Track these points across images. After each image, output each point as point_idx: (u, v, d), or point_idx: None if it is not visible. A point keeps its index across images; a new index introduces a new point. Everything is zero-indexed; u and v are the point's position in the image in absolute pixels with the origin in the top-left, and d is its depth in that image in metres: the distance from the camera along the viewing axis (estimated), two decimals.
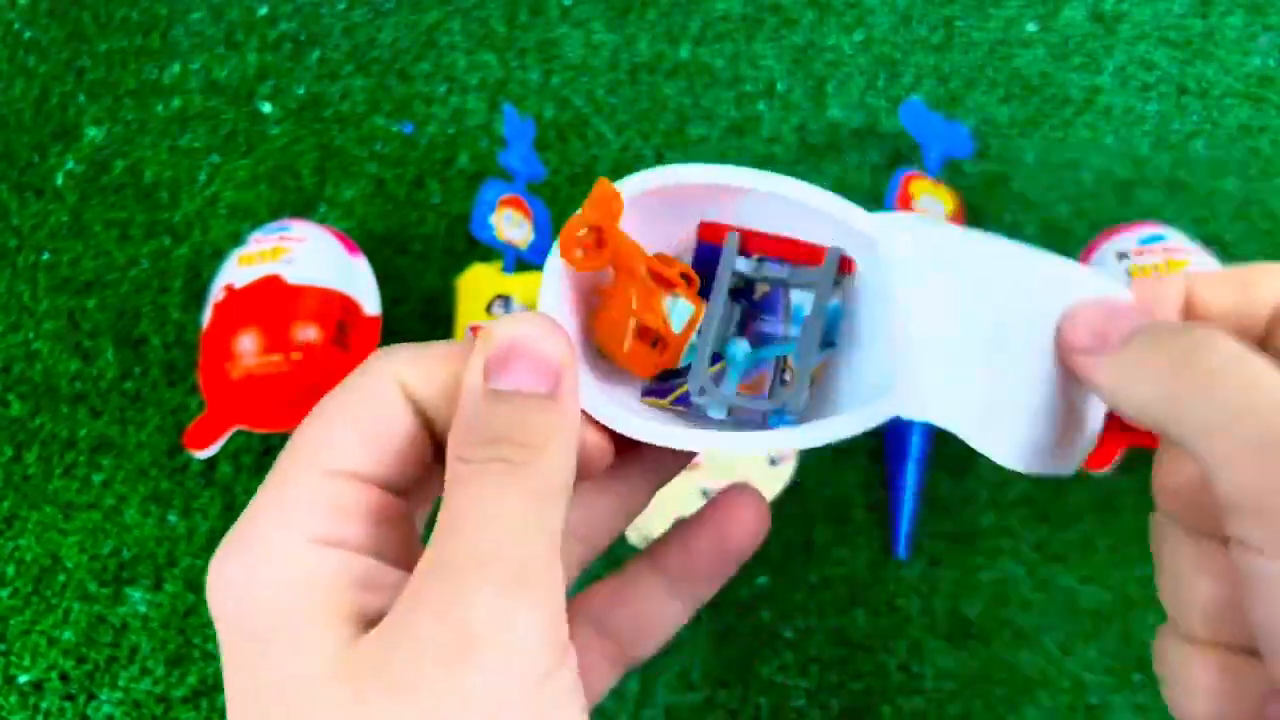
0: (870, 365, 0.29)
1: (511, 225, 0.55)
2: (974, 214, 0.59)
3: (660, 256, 0.30)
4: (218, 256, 0.59)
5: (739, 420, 0.28)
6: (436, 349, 0.24)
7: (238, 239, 0.59)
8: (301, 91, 0.65)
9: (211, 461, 0.54)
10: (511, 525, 0.21)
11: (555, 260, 0.29)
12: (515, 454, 0.21)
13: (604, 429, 0.26)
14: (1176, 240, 0.51)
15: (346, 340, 0.52)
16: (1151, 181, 0.59)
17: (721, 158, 0.61)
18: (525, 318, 0.23)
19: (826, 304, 0.28)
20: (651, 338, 0.28)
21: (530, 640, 0.20)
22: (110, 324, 0.58)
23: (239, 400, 0.51)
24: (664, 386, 0.29)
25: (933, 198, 0.55)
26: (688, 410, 0.29)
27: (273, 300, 0.51)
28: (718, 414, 0.28)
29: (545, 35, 0.66)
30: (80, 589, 0.52)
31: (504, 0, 0.67)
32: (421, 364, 0.24)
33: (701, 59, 0.64)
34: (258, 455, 0.54)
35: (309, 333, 0.51)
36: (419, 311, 0.58)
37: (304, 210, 0.61)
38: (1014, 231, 0.58)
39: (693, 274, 0.30)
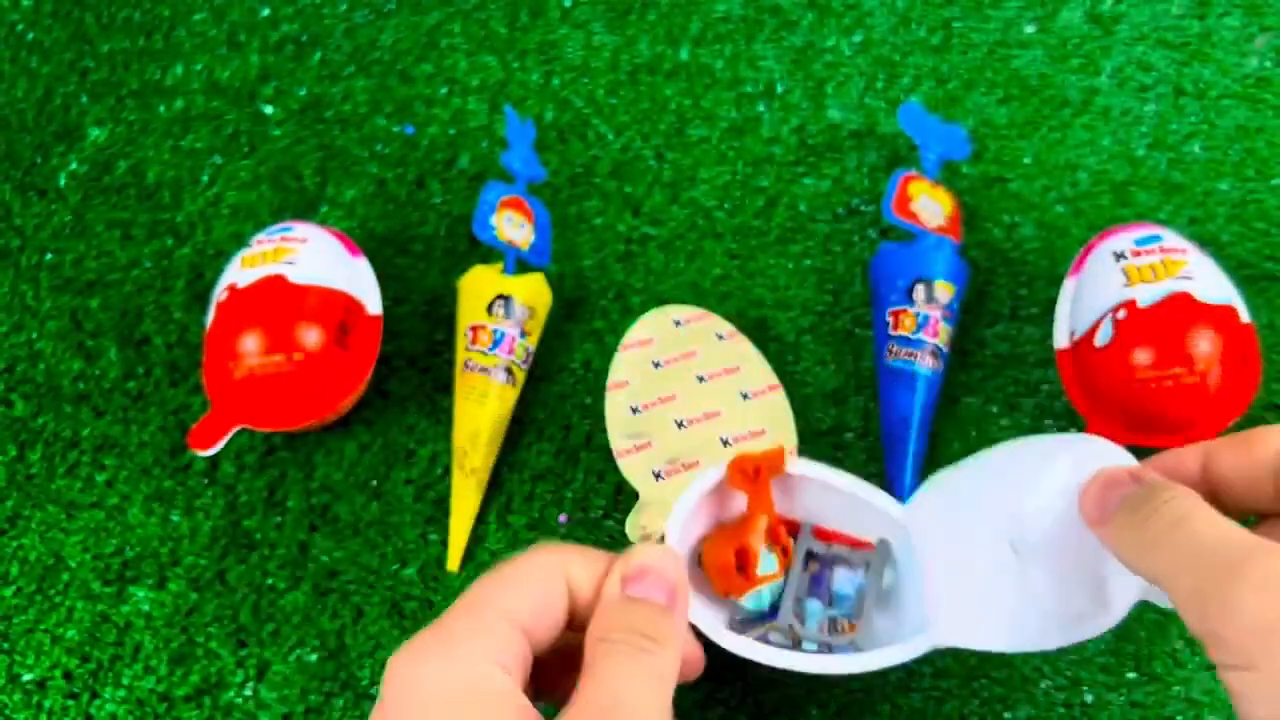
0: (908, 611, 0.42)
1: (512, 226, 0.55)
2: (971, 215, 0.59)
3: (784, 519, 0.45)
4: (220, 257, 0.59)
5: (818, 649, 0.43)
6: (593, 553, 0.35)
7: (240, 239, 0.59)
8: (303, 93, 0.65)
9: (214, 461, 0.55)
10: (641, 689, 0.30)
11: (687, 499, 0.43)
12: (644, 643, 0.31)
13: (700, 643, 0.38)
14: (1173, 241, 0.51)
15: (348, 340, 0.52)
16: (1148, 182, 0.59)
17: (721, 158, 0.61)
18: (656, 548, 0.35)
19: (880, 578, 0.43)
20: (741, 564, 0.42)
21: None
22: (113, 324, 0.59)
23: (242, 400, 0.51)
24: (751, 624, 0.43)
25: (930, 199, 0.56)
26: (767, 642, 0.42)
27: (275, 300, 0.51)
28: (810, 647, 0.43)
29: (546, 37, 0.66)
30: (83, 588, 0.52)
31: (505, 2, 0.67)
32: (582, 560, 0.34)
33: (701, 60, 0.65)
34: (260, 455, 0.55)
35: (311, 333, 0.51)
36: (420, 312, 0.58)
37: (305, 211, 0.61)
38: (1011, 232, 0.59)
39: (789, 547, 0.44)
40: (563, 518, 0.53)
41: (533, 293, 0.55)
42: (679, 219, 0.60)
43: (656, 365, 0.52)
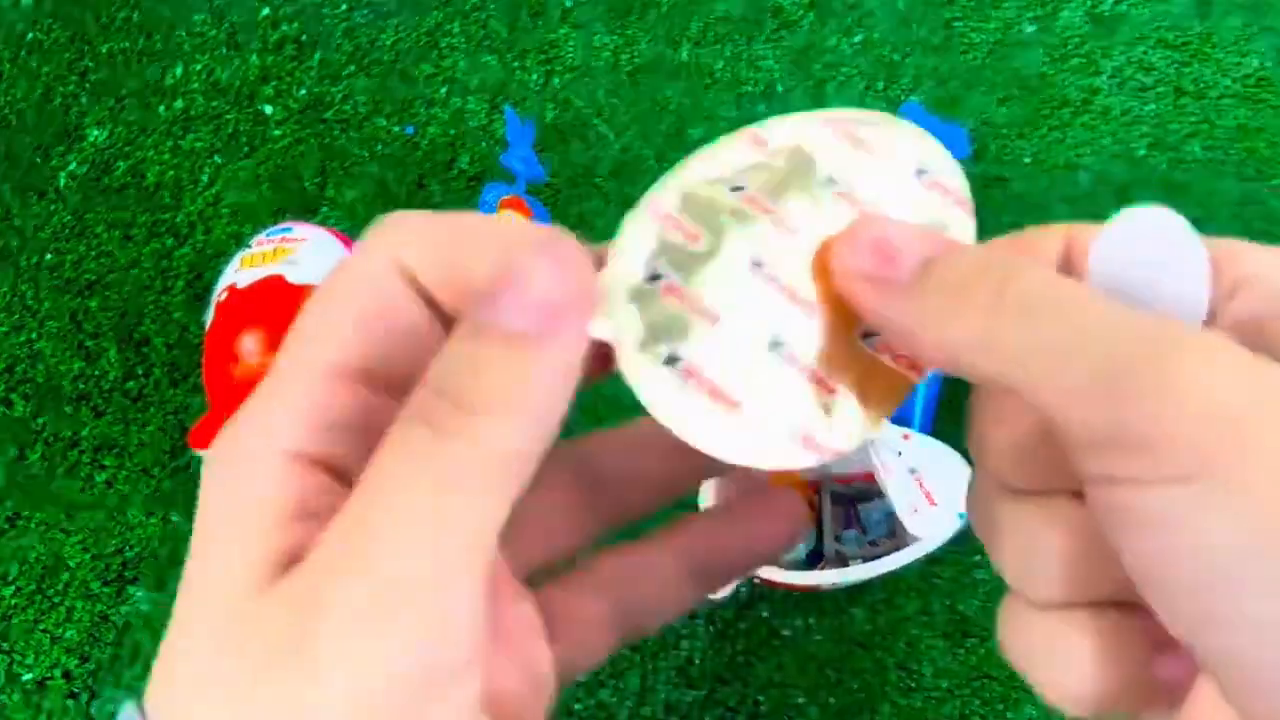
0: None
1: None
2: None
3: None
4: (220, 257, 0.59)
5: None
6: (441, 224, 0.20)
7: (240, 240, 0.59)
8: (303, 93, 0.65)
9: None
10: (397, 530, 0.17)
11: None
12: (446, 418, 0.17)
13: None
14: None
15: None
16: (1149, 182, 0.59)
17: None
18: (534, 236, 0.19)
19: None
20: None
21: (377, 681, 0.17)
22: (113, 324, 0.59)
23: (242, 400, 0.51)
24: (797, 569, 0.49)
25: None
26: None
27: (275, 301, 0.51)
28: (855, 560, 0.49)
29: (546, 37, 0.66)
30: (83, 588, 0.52)
31: (505, 3, 0.67)
32: (425, 242, 0.20)
33: (702, 60, 0.65)
34: None
35: None
36: None
37: (306, 211, 0.61)
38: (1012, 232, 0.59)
39: (814, 501, 0.52)
40: None
41: None
42: None
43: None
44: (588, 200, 0.61)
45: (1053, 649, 0.20)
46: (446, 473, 0.17)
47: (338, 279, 0.20)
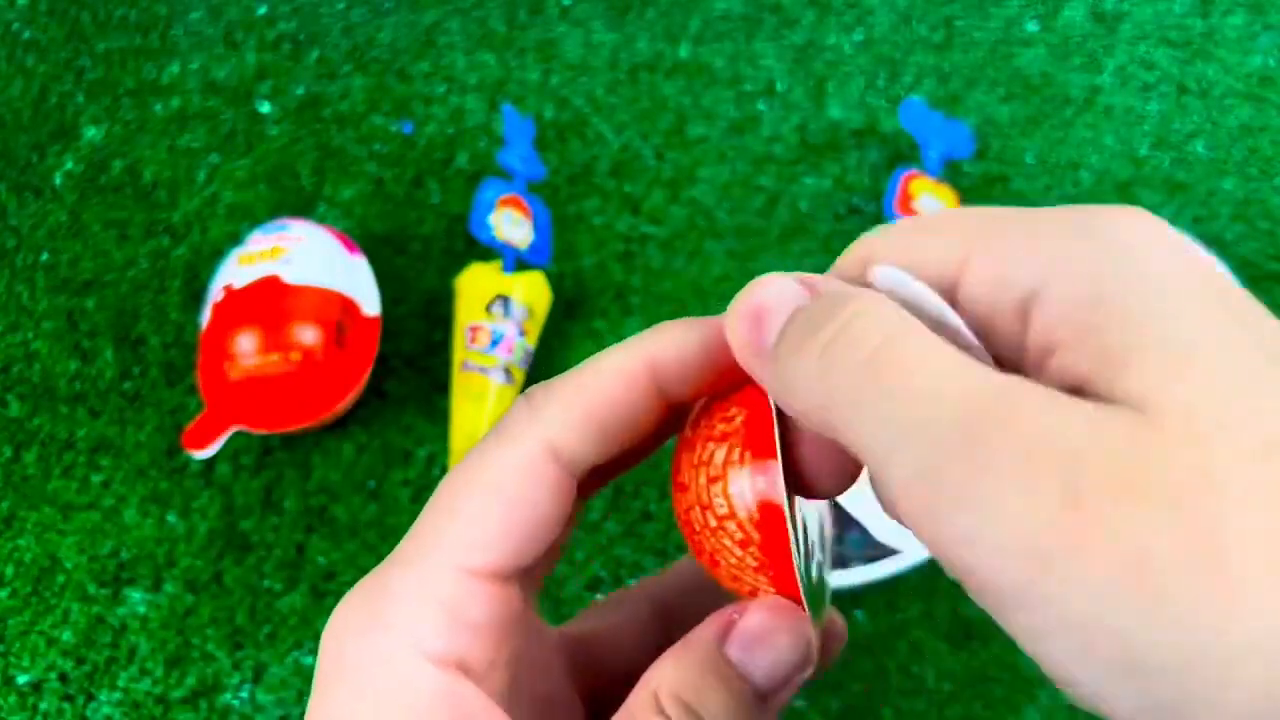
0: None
1: (511, 225, 0.55)
2: None
3: None
4: (216, 256, 0.59)
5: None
6: (587, 395, 0.21)
7: (237, 239, 0.58)
8: (300, 91, 0.65)
9: (210, 462, 0.54)
10: None
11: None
12: None
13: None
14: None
15: (345, 340, 0.52)
16: (1151, 181, 0.59)
17: (721, 157, 0.61)
18: (792, 614, 0.20)
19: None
20: None
21: None
22: (109, 324, 0.58)
23: (238, 401, 0.51)
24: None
25: (933, 197, 0.55)
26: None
27: (271, 300, 0.51)
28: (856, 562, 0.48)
29: (544, 35, 0.66)
30: (79, 589, 0.52)
31: (503, 0, 0.67)
32: (576, 414, 0.21)
33: (701, 58, 0.64)
34: (257, 456, 0.54)
35: (308, 333, 0.51)
36: (418, 312, 0.58)
37: (303, 210, 0.61)
38: None
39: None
40: None
41: (532, 292, 0.54)
42: (679, 218, 0.59)
43: None
44: (586, 199, 0.60)
45: None
46: None
47: (484, 467, 0.21)
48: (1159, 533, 0.13)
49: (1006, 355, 0.18)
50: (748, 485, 0.20)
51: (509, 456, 0.20)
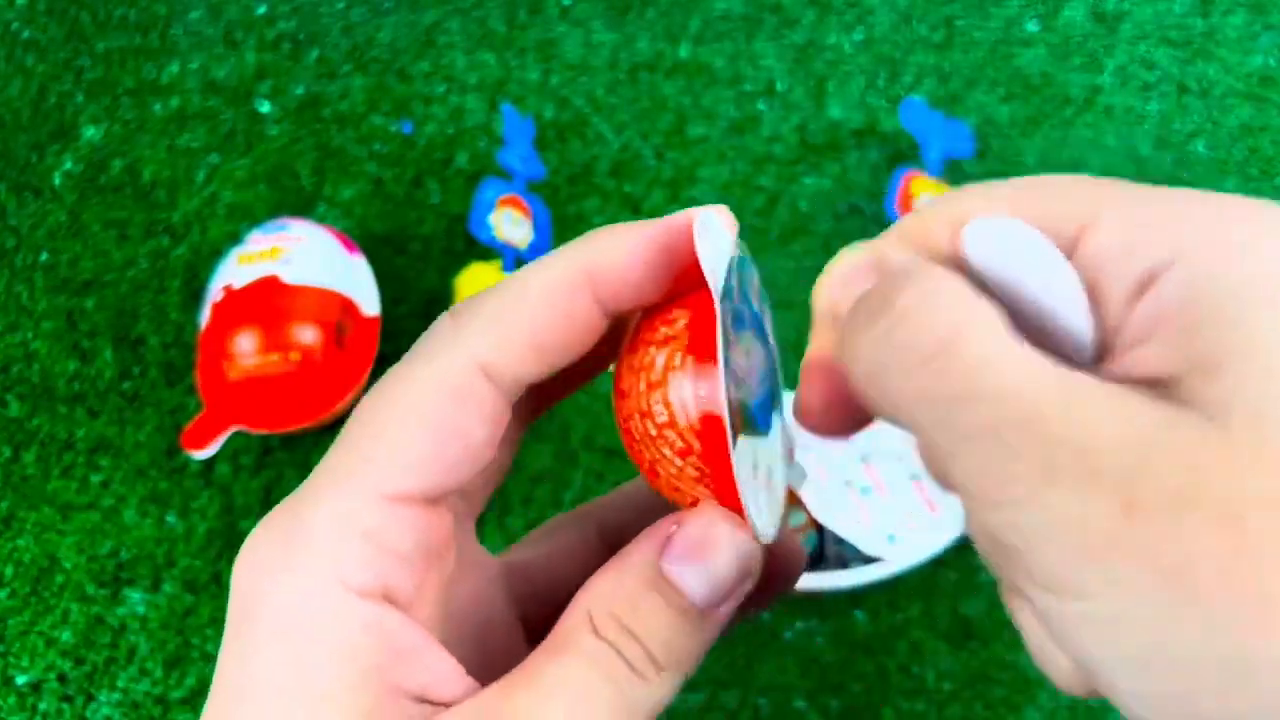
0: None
1: (511, 224, 0.55)
2: None
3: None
4: (216, 256, 0.59)
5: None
6: (518, 310, 0.20)
7: (236, 239, 0.58)
8: (300, 91, 0.64)
9: (210, 462, 0.54)
10: None
11: None
12: (642, 662, 0.19)
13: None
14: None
15: (345, 341, 0.52)
16: (1152, 181, 0.59)
17: (721, 157, 0.61)
18: (729, 521, 0.20)
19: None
20: None
21: None
22: (108, 324, 0.58)
23: (237, 401, 0.51)
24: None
25: (933, 197, 0.55)
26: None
27: (271, 300, 0.51)
28: (856, 563, 0.49)
29: (544, 34, 0.66)
30: (78, 590, 0.52)
31: (503, 0, 0.67)
32: (507, 329, 0.20)
33: (701, 58, 0.64)
34: (257, 456, 0.54)
35: (307, 333, 0.51)
36: (418, 312, 0.58)
37: (303, 210, 0.61)
38: None
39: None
40: None
41: None
42: None
43: None
44: (587, 199, 0.60)
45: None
46: (632, 707, 0.19)
47: (405, 387, 0.19)
48: (1205, 548, 0.14)
49: (1104, 329, 0.17)
50: (689, 391, 0.19)
51: (431, 373, 0.19)
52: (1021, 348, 0.16)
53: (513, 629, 0.24)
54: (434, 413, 0.19)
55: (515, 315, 0.20)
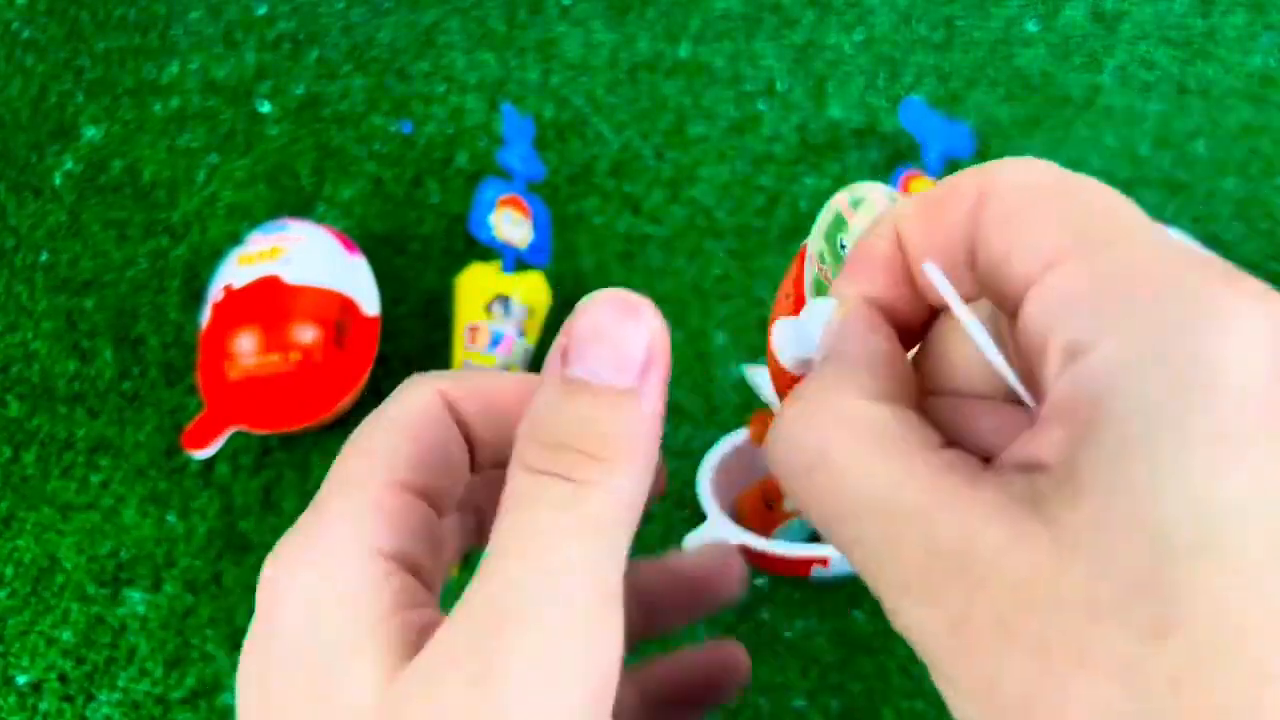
0: None
1: (511, 224, 0.55)
2: None
3: None
4: (216, 256, 0.59)
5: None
6: (481, 373, 0.23)
7: (236, 238, 0.58)
8: (300, 91, 0.64)
9: (210, 462, 0.54)
10: (563, 572, 0.18)
11: (712, 457, 0.39)
12: (580, 468, 0.18)
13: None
14: (1177, 240, 0.51)
15: (345, 341, 0.52)
16: (1152, 181, 0.59)
17: (721, 157, 0.61)
18: (613, 297, 0.20)
19: None
20: (769, 501, 0.48)
21: (562, 714, 0.18)
22: (108, 324, 0.58)
23: (237, 401, 0.51)
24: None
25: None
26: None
27: (271, 301, 0.51)
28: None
29: (544, 34, 0.66)
30: (79, 590, 0.52)
31: (503, 0, 0.67)
32: (464, 379, 0.23)
33: (701, 58, 0.64)
34: (256, 456, 0.54)
35: (307, 333, 0.51)
36: (418, 311, 0.58)
37: (302, 210, 0.61)
38: None
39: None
40: None
41: (532, 292, 0.54)
42: (679, 218, 0.59)
43: None
44: (586, 198, 0.60)
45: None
46: (593, 522, 0.18)
47: (392, 405, 0.22)
48: (1015, 673, 0.15)
49: (1038, 391, 0.17)
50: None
51: (403, 397, 0.23)
52: (888, 462, 0.17)
53: None
54: (417, 426, 0.22)
55: (477, 373, 0.24)
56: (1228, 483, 0.14)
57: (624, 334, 0.19)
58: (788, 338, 0.21)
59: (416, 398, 0.22)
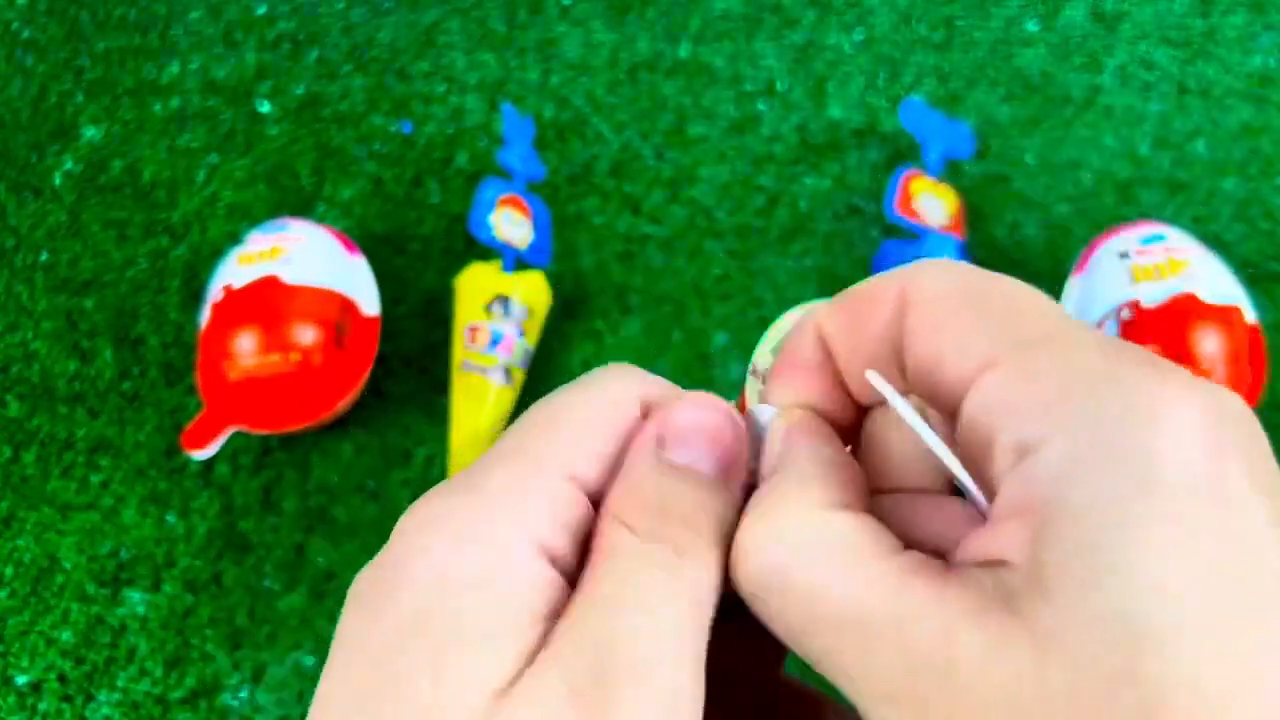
0: None
1: (511, 224, 0.55)
2: (974, 214, 0.58)
3: None
4: (216, 256, 0.59)
5: None
6: (666, 384, 0.23)
7: (236, 238, 0.58)
8: (300, 91, 0.64)
9: (209, 462, 0.54)
10: (673, 635, 0.18)
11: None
12: (683, 536, 0.19)
13: None
14: (1178, 240, 0.51)
15: (345, 341, 0.52)
16: (1152, 181, 0.59)
17: (721, 157, 0.61)
18: (708, 400, 0.21)
19: None
20: None
21: None
22: (108, 324, 0.58)
23: (237, 401, 0.51)
24: None
25: (933, 197, 0.55)
26: None
27: (271, 301, 0.51)
28: None
29: (544, 34, 0.66)
30: (78, 590, 0.52)
31: (503, 0, 0.67)
32: (661, 384, 0.22)
33: (701, 58, 0.64)
34: (256, 456, 0.54)
35: (307, 333, 0.51)
36: (418, 311, 0.58)
37: (302, 210, 0.61)
38: (1014, 231, 0.58)
39: None
40: None
41: (532, 292, 0.54)
42: (679, 218, 0.59)
43: None
44: (586, 198, 0.60)
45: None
46: (695, 591, 0.19)
47: (596, 390, 0.22)
48: None
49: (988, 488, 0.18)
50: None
51: (601, 389, 0.22)
52: (854, 572, 0.17)
53: None
54: (612, 420, 0.21)
55: (668, 385, 0.23)
56: (1184, 564, 0.14)
57: (722, 434, 0.21)
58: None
59: (620, 391, 0.22)
